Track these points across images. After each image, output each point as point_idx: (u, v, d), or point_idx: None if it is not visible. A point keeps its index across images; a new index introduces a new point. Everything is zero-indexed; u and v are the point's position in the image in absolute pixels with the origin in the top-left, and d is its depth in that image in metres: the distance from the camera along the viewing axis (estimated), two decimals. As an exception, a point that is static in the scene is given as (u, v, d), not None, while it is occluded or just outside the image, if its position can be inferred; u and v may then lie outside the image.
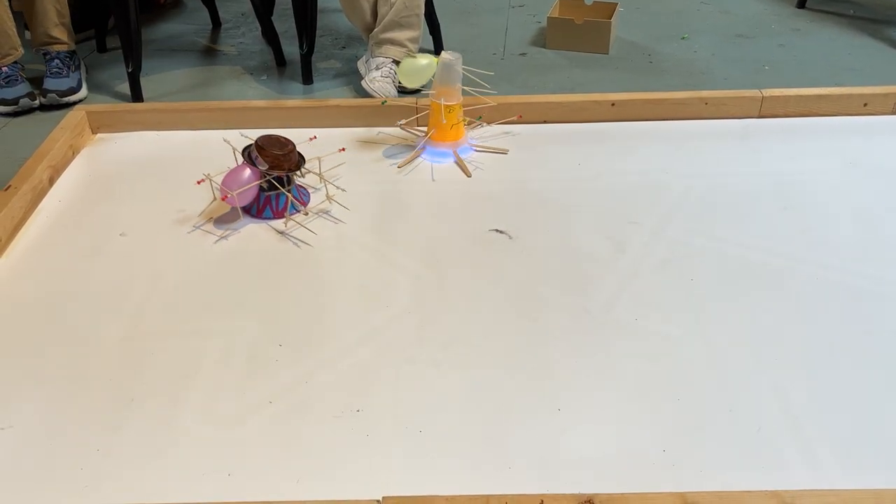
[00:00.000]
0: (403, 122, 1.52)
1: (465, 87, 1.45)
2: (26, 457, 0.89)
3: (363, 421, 0.92)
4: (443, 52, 1.41)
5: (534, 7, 3.07)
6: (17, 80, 2.36)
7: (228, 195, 1.22)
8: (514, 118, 1.54)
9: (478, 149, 1.48)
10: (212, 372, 1.00)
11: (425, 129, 1.49)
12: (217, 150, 1.49)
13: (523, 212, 1.29)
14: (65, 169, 1.45)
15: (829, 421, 0.90)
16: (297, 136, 1.42)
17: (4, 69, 2.36)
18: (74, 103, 2.35)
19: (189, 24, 3.05)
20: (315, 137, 1.42)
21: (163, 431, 0.92)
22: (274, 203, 1.29)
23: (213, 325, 1.08)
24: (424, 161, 1.45)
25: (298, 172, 1.30)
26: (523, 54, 2.72)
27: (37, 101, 2.38)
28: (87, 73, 2.58)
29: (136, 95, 2.43)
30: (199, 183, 1.28)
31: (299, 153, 1.30)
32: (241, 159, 1.28)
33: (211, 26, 3.01)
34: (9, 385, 0.99)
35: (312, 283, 1.15)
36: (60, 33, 2.44)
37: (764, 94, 1.54)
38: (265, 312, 1.10)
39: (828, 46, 2.71)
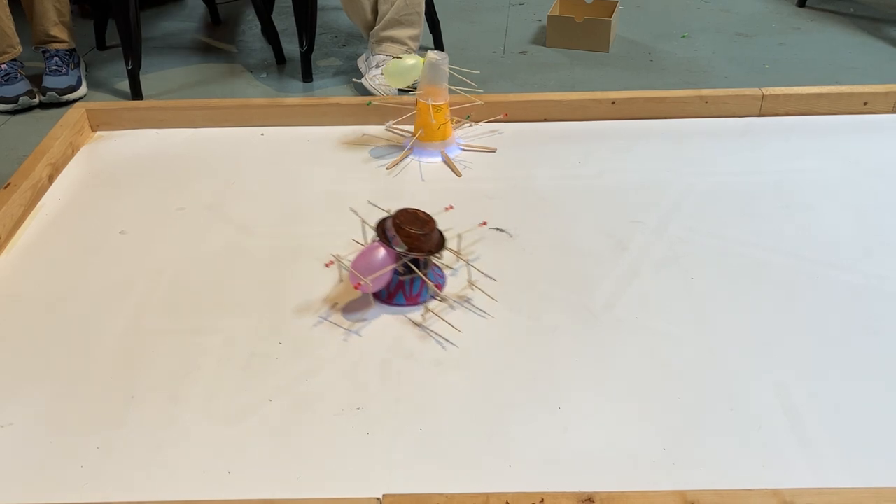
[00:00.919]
0: (391, 122, 1.51)
1: (451, 87, 1.45)
2: (26, 454, 0.89)
3: (363, 419, 0.92)
4: (429, 52, 1.41)
5: (534, 5, 3.07)
6: (16, 77, 2.36)
7: (362, 283, 1.04)
8: (501, 116, 1.53)
9: (465, 148, 1.47)
10: (212, 370, 1.00)
11: (412, 129, 1.48)
12: (216, 148, 1.49)
13: (524, 210, 1.29)
14: (64, 167, 1.45)
15: (830, 419, 0.90)
16: (301, 135, 1.42)
17: (3, 67, 2.36)
18: (74, 101, 2.35)
19: (189, 22, 3.05)
20: (452, 207, 1.25)
21: (163, 429, 0.92)
22: (408, 288, 1.10)
23: (213, 322, 1.08)
24: (413, 161, 1.44)
25: (437, 254, 1.11)
26: (524, 52, 2.72)
27: (36, 99, 2.38)
28: (86, 70, 2.57)
29: (136, 93, 2.43)
30: (328, 266, 1.14)
31: (440, 232, 1.12)
32: (367, 234, 1.12)
33: (211, 24, 3.01)
34: (9, 382, 0.99)
35: (313, 280, 1.15)
36: (60, 32, 2.44)
37: (764, 93, 1.54)
38: (265, 310, 1.09)
39: (828, 45, 2.70)
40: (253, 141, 1.52)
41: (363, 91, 2.32)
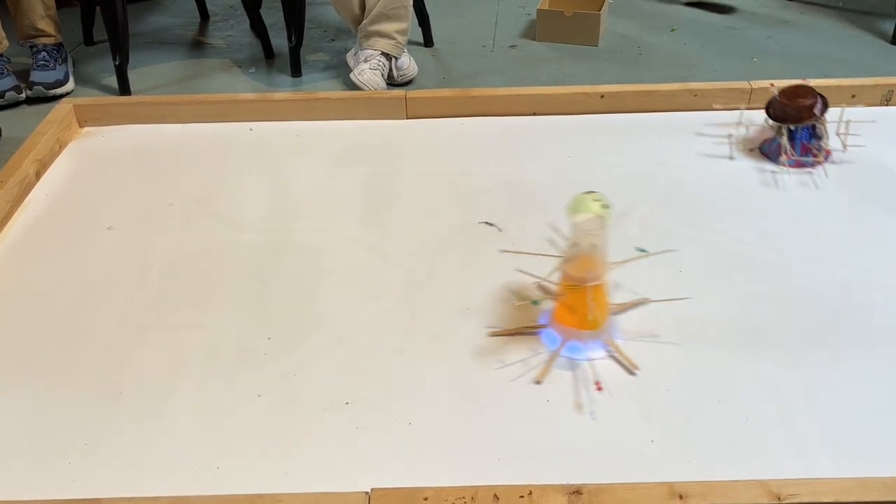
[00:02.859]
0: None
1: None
2: (13, 450, 0.89)
3: (352, 413, 0.92)
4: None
5: (524, -1, 3.07)
6: (2, 73, 2.35)
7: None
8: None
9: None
10: (200, 365, 1.00)
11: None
12: (205, 144, 1.49)
13: (513, 204, 1.29)
14: (52, 163, 1.44)
15: (818, 410, 0.91)
16: (290, 129, 1.42)
17: (-10, 62, 2.34)
18: (61, 96, 2.35)
19: (177, 17, 3.03)
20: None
21: (151, 425, 0.92)
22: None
23: (201, 318, 1.07)
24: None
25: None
26: (513, 46, 2.71)
27: (23, 95, 2.37)
28: (74, 65, 2.56)
29: (124, 88, 2.42)
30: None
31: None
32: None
33: (199, 19, 2.99)
34: (-4, 379, 0.99)
35: (302, 275, 1.15)
36: (47, 25, 2.43)
37: (753, 86, 1.54)
38: (254, 305, 1.09)
39: (816, 38, 2.71)
40: (242, 136, 1.52)
41: (352, 86, 2.32)
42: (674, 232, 1.21)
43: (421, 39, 2.72)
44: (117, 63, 2.39)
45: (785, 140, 1.35)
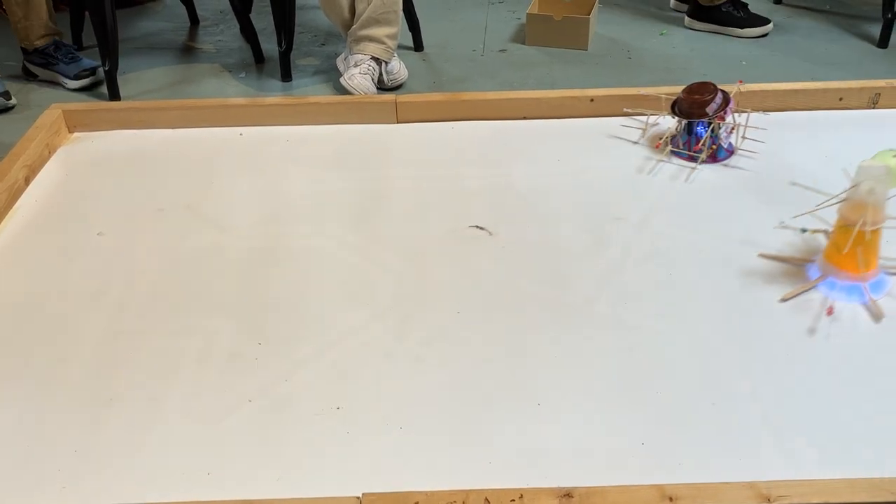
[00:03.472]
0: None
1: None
2: (3, 457, 0.89)
3: (343, 418, 0.92)
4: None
5: (513, 3, 3.08)
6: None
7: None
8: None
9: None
10: (191, 371, 1.00)
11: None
12: (195, 149, 1.49)
13: (503, 208, 1.29)
14: (41, 168, 1.44)
15: (807, 413, 0.91)
16: (280, 134, 1.41)
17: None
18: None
19: (167, 22, 3.03)
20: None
21: (141, 431, 0.92)
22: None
23: (192, 323, 1.07)
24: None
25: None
26: (503, 51, 2.72)
27: (12, 101, 2.37)
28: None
29: (114, 94, 2.42)
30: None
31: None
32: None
33: (189, 24, 3.00)
34: (-15, 386, 0.98)
35: (292, 280, 1.15)
36: (55, 23, 2.49)
37: (741, 89, 1.55)
38: (245, 311, 1.09)
39: (804, 41, 2.73)
40: (232, 141, 1.52)
41: (342, 90, 2.32)
42: (665, 234, 1.21)
43: (411, 44, 2.73)
44: (107, 68, 2.39)
45: (677, 133, 1.39)
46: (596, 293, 1.10)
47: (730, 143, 1.40)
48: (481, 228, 1.25)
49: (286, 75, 2.52)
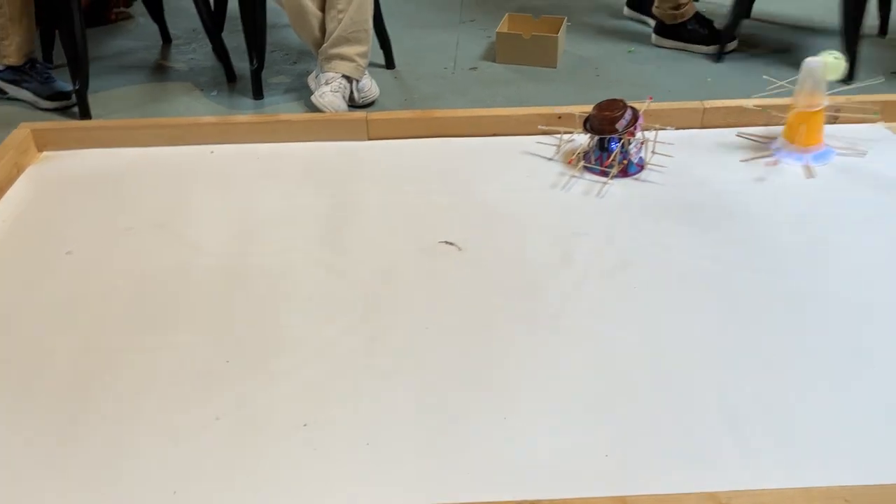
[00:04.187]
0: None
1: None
2: (-30, 479, 0.88)
3: (310, 435, 0.93)
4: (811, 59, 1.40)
5: (484, 22, 3.12)
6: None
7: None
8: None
9: (840, 152, 1.46)
10: (161, 389, 1.00)
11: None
12: (166, 167, 1.49)
13: (472, 223, 1.31)
14: (9, 187, 1.43)
15: (767, 421, 0.93)
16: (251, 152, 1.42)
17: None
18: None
19: (139, 41, 3.03)
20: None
21: (111, 451, 0.91)
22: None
23: (162, 341, 1.07)
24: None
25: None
26: (474, 68, 2.75)
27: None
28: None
29: (84, 113, 2.42)
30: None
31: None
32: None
33: (161, 42, 3.00)
34: (-48, 407, 0.98)
35: (263, 297, 1.15)
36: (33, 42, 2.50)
37: (705, 106, 1.58)
38: (215, 328, 1.10)
39: (769, 57, 2.78)
40: (203, 159, 1.52)
41: (314, 108, 2.33)
42: (630, 249, 1.23)
43: (383, 62, 2.75)
44: (77, 87, 2.39)
45: (589, 149, 1.44)
46: (564, 306, 1.11)
47: (640, 158, 1.44)
48: (451, 244, 1.26)
49: (258, 93, 2.53)
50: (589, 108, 1.57)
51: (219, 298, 1.15)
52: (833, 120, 1.52)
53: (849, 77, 2.48)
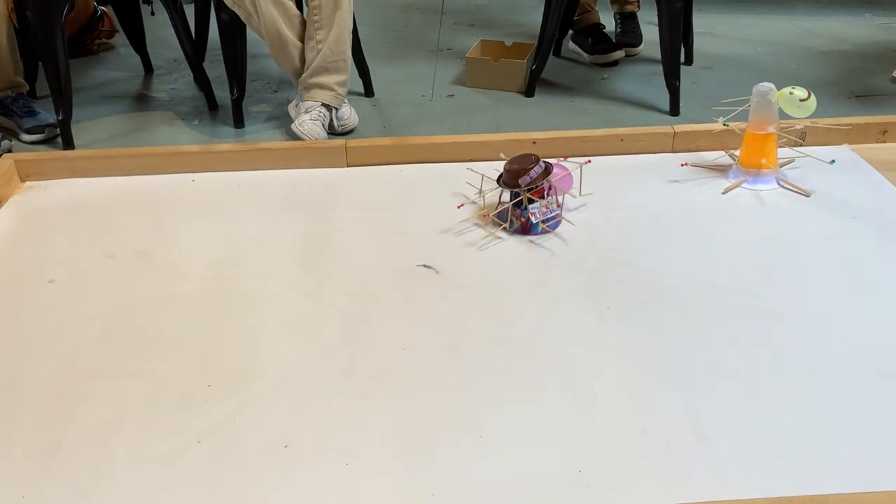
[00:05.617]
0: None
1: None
2: (-46, 505, 0.89)
3: (290, 457, 0.94)
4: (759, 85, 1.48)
5: (462, 50, 3.16)
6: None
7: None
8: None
9: (785, 186, 1.49)
10: (140, 414, 1.01)
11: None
12: (147, 195, 1.51)
13: (450, 247, 1.33)
14: (-8, 218, 1.45)
15: (735, 435, 0.95)
16: (233, 180, 1.44)
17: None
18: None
19: (121, 71, 3.06)
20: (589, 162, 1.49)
21: (90, 476, 0.92)
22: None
23: (142, 367, 1.09)
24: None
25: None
26: (451, 96, 2.79)
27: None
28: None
29: (67, 142, 2.43)
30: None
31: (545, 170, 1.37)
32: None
33: (143, 72, 3.02)
34: (-65, 434, 0.99)
35: (242, 322, 1.17)
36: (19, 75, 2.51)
37: (676, 130, 1.62)
38: (194, 353, 1.11)
39: (738, 81, 2.84)
40: (184, 187, 1.54)
41: (294, 136, 2.36)
42: (601, 270, 1.26)
43: (362, 90, 2.79)
44: (60, 118, 2.40)
45: (505, 203, 1.40)
46: (536, 327, 1.14)
47: (555, 222, 1.38)
48: (428, 267, 1.29)
49: (239, 122, 2.56)
50: (564, 134, 1.61)
51: (199, 323, 1.17)
52: (799, 143, 1.56)
53: (674, 110, 2.57)
